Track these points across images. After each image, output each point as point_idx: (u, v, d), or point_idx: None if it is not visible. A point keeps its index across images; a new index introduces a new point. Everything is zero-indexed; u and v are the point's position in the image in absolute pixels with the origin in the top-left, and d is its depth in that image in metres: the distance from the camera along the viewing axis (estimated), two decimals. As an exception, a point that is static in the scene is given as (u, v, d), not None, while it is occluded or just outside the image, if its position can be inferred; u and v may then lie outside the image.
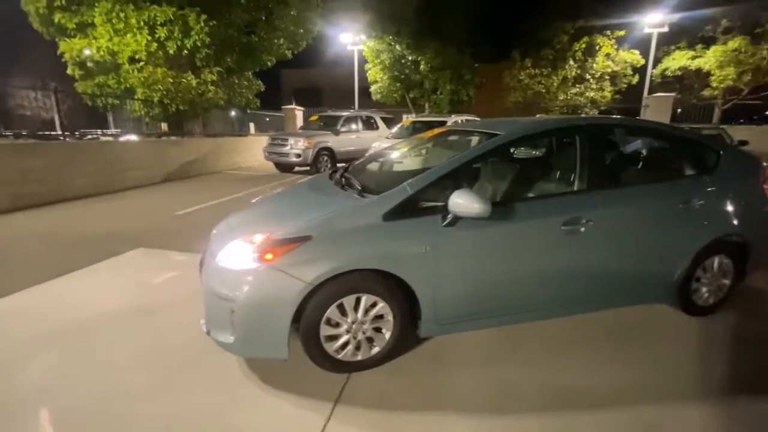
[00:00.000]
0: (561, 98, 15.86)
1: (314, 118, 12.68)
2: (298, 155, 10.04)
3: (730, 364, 2.21)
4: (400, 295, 2.06)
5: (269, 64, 12.80)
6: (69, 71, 10.12)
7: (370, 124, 12.59)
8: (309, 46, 14.12)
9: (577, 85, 15.60)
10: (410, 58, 15.81)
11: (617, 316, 2.64)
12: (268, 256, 1.91)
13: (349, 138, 11.37)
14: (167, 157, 9.83)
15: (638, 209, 2.38)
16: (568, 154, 2.43)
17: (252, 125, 15.18)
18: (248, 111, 14.13)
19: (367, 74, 17.19)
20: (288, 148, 10.18)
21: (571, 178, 2.34)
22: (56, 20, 9.53)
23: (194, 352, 2.26)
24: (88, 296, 3.02)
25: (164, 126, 12.07)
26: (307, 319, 1.95)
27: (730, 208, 2.58)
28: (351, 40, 17.10)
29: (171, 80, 9.83)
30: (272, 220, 2.19)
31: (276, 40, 12.22)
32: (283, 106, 17.55)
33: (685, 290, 2.58)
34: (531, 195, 2.47)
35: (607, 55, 15.07)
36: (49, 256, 3.86)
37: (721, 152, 2.67)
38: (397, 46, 15.50)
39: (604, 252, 2.33)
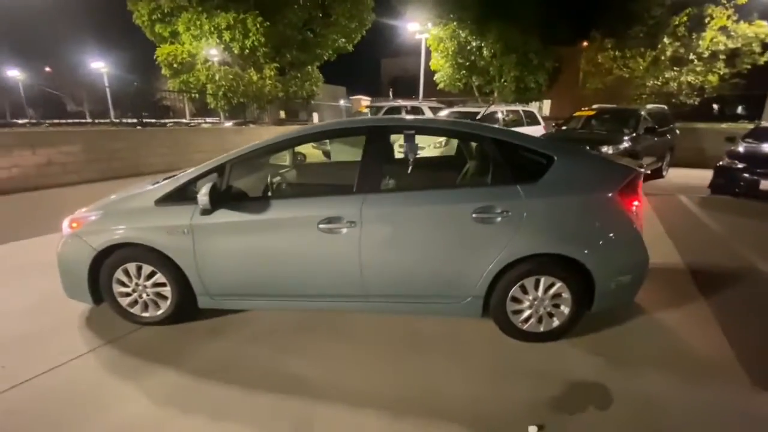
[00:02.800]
0: (650, 84, 13.16)
1: (362, 108, 13.26)
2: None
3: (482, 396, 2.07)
4: (173, 268, 2.46)
5: (325, 57, 13.75)
6: (163, 72, 12.59)
7: (415, 114, 12.61)
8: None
9: (675, 68, 12.70)
10: (474, 44, 15.01)
11: (446, 325, 2.62)
12: (74, 225, 2.52)
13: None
14: (228, 142, 11.55)
15: (414, 215, 2.30)
16: (354, 156, 2.46)
17: (316, 115, 16.52)
18: (311, 102, 15.42)
19: (430, 63, 16.91)
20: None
21: (348, 180, 2.39)
22: (156, 30, 11.93)
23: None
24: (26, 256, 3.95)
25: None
26: (102, 277, 2.52)
27: (557, 223, 2.26)
28: (418, 28, 17.00)
29: (231, 76, 11.46)
30: (110, 198, 2.77)
31: (332, 35, 13.04)
32: (351, 97, 18.57)
33: (500, 310, 2.39)
34: (297, 193, 2.56)
35: (722, 28, 11.85)
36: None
37: (556, 159, 2.32)
38: (461, 32, 14.86)
39: (375, 254, 2.33)
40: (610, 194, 2.26)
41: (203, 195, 2.17)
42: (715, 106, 17.37)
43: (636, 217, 2.32)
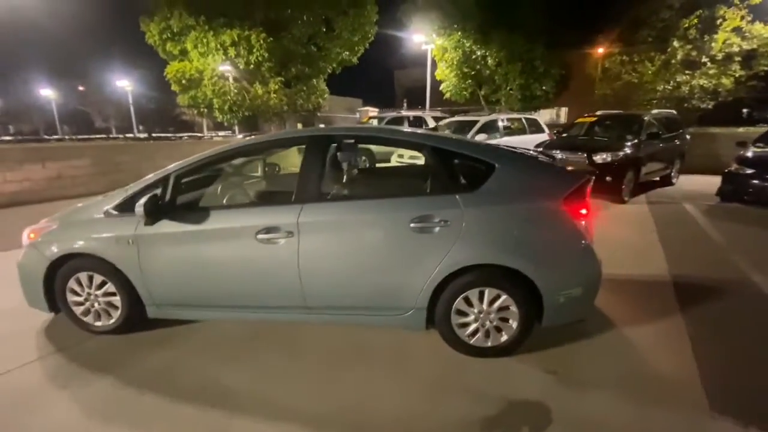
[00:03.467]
0: (660, 88, 12.68)
1: (365, 119, 13.39)
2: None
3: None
4: (122, 277, 2.49)
5: (329, 71, 13.98)
6: (173, 88, 13.08)
7: (417, 125, 12.64)
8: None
9: (686, 72, 12.22)
10: (479, 53, 14.97)
11: (394, 337, 2.55)
12: (32, 235, 2.59)
13: (388, 139, 11.64)
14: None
15: (351, 224, 2.25)
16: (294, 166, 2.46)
17: (322, 127, 16.76)
18: (317, 114, 15.67)
19: (435, 73, 16.97)
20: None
21: (287, 189, 2.38)
22: (167, 49, 12.45)
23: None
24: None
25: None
26: (56, 286, 2.57)
27: (498, 233, 2.16)
28: (423, 39, 17.13)
29: (236, 91, 11.80)
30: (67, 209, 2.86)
31: (335, 49, 13.28)
32: (358, 109, 18.79)
33: (445, 323, 2.30)
34: (238, 203, 2.55)
35: (736, 29, 11.35)
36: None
37: (497, 166, 2.24)
38: (465, 42, 14.88)
39: (314, 265, 2.28)
40: (554, 202, 2.16)
41: (139, 206, 2.20)
42: (745, 111, 16.59)
43: (585, 226, 2.20)
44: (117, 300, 2.56)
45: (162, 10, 11.28)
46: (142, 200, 2.23)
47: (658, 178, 8.35)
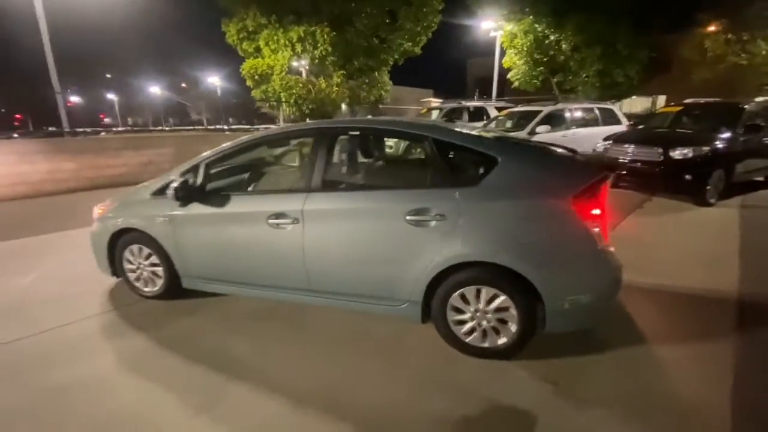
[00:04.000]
0: None
1: (424, 111, 13.23)
2: (390, 147, 10.94)
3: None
4: (164, 251, 2.87)
5: (391, 62, 14.02)
6: (247, 83, 14.23)
7: (477, 116, 12.18)
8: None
9: None
10: (552, 37, 13.75)
11: (396, 328, 2.59)
12: (100, 211, 3.10)
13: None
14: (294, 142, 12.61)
15: (349, 214, 2.30)
16: (305, 156, 2.59)
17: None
18: (380, 106, 15.86)
19: (503, 61, 16.02)
20: (382, 140, 11.25)
21: (297, 178, 2.51)
22: (243, 47, 13.58)
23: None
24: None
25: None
26: (116, 255, 3.05)
27: (496, 231, 2.05)
28: (493, 26, 16.27)
29: (301, 85, 12.43)
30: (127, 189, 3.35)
31: (397, 40, 13.26)
32: (422, 100, 18.63)
33: (441, 318, 2.27)
34: (256, 190, 2.71)
35: None
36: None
37: (500, 161, 2.12)
38: (538, 26, 13.78)
39: (316, 251, 2.39)
40: (561, 201, 1.99)
41: (170, 189, 2.52)
42: None
43: (598, 228, 1.99)
44: (160, 270, 2.95)
45: (239, 12, 12.41)
46: (174, 184, 2.54)
47: (762, 179, 7.03)
